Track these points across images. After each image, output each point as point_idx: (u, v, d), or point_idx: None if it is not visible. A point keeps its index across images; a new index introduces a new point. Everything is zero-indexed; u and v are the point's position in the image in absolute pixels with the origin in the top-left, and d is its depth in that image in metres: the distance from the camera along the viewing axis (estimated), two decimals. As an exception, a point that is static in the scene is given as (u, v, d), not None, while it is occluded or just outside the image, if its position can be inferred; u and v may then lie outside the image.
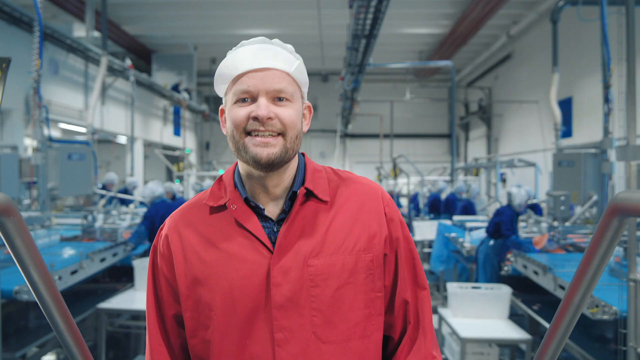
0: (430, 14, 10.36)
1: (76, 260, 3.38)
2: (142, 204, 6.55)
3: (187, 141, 14.30)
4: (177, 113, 13.50)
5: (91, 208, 5.50)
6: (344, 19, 9.62)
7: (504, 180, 11.80)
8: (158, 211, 4.72)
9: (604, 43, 4.34)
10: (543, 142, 9.70)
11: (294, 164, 1.00)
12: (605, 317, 2.56)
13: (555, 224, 4.44)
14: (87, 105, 8.28)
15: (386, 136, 15.06)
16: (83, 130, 7.51)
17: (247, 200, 0.97)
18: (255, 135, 0.92)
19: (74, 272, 3.28)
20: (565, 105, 8.70)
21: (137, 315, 4.08)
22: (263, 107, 0.91)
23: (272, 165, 0.92)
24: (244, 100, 0.93)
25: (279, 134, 0.93)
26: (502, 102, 12.66)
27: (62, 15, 9.27)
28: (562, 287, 3.15)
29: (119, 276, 4.67)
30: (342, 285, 0.93)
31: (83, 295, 4.09)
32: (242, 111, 0.92)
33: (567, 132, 8.73)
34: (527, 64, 11.04)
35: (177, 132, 13.63)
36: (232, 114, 0.94)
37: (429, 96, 15.59)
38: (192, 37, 12.31)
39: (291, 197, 0.97)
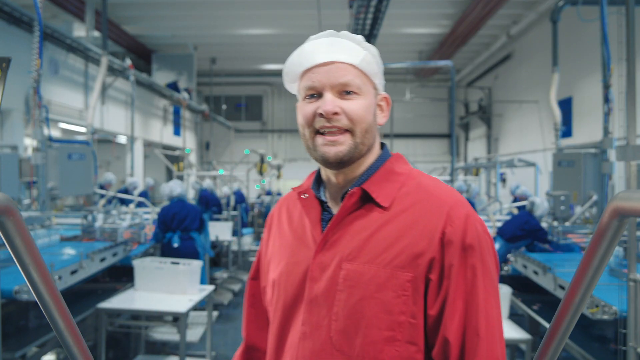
0: (430, 14, 10.36)
1: (76, 260, 3.38)
2: (141, 204, 6.55)
3: (187, 141, 14.29)
4: (177, 113, 13.50)
5: (91, 208, 5.50)
6: (344, 19, 9.62)
7: (504, 180, 11.80)
8: (170, 210, 4.94)
9: (604, 43, 4.34)
10: (543, 142, 9.70)
11: (370, 160, 0.96)
12: (605, 317, 2.56)
13: (555, 224, 4.44)
14: (87, 105, 8.28)
15: (386, 136, 15.05)
16: (83, 130, 7.50)
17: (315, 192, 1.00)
18: (323, 134, 0.91)
19: (74, 272, 3.28)
20: (565, 105, 8.70)
21: (137, 315, 4.08)
22: (328, 102, 0.89)
23: (341, 163, 0.91)
24: (311, 96, 0.92)
25: (346, 130, 0.90)
26: (502, 102, 12.66)
27: (62, 15, 9.27)
28: (562, 287, 3.14)
29: (119, 276, 4.67)
30: (365, 298, 0.86)
31: (83, 295, 4.09)
32: (310, 107, 0.92)
33: (567, 132, 8.73)
34: (527, 64, 11.04)
35: (177, 132, 13.63)
36: (300, 110, 0.95)
37: (429, 96, 15.59)
38: (192, 37, 12.31)
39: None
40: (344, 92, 0.90)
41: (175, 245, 4.86)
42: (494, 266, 0.89)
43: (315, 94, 0.92)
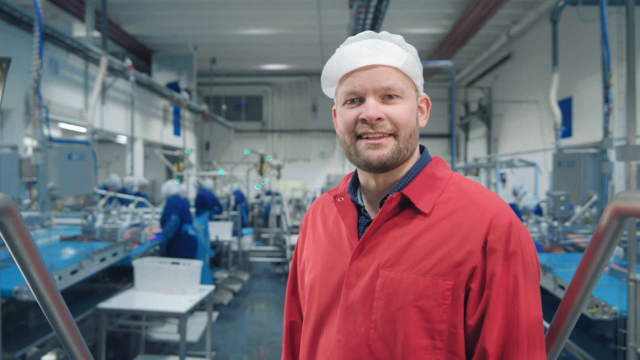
0: (430, 14, 10.36)
1: (76, 260, 3.38)
2: (141, 204, 6.54)
3: (187, 141, 14.29)
4: (177, 113, 13.50)
5: (91, 208, 5.50)
6: (344, 19, 9.62)
7: (504, 180, 11.80)
8: (177, 204, 5.34)
9: (604, 43, 4.34)
10: (543, 142, 9.70)
11: (410, 164, 0.94)
12: (605, 317, 2.56)
13: (555, 224, 4.44)
14: (87, 105, 8.28)
15: (386, 136, 15.04)
16: (83, 130, 7.50)
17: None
18: (366, 138, 0.89)
19: (74, 272, 3.28)
20: (565, 105, 8.70)
21: (137, 315, 4.08)
22: (372, 107, 0.87)
23: (384, 167, 0.89)
24: (352, 101, 0.90)
25: (390, 135, 0.88)
26: (502, 102, 12.66)
27: (62, 15, 9.27)
28: (562, 287, 3.14)
29: (119, 276, 4.68)
30: (405, 307, 0.83)
31: (83, 295, 4.09)
32: (351, 113, 0.89)
33: (567, 132, 8.73)
34: (527, 64, 11.04)
35: (177, 132, 13.63)
36: (342, 116, 0.92)
37: (429, 96, 15.46)
38: (192, 37, 12.31)
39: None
40: (387, 96, 0.88)
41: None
42: (536, 275, 0.85)
43: (357, 99, 0.89)
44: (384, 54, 0.89)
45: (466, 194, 0.88)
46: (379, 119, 0.87)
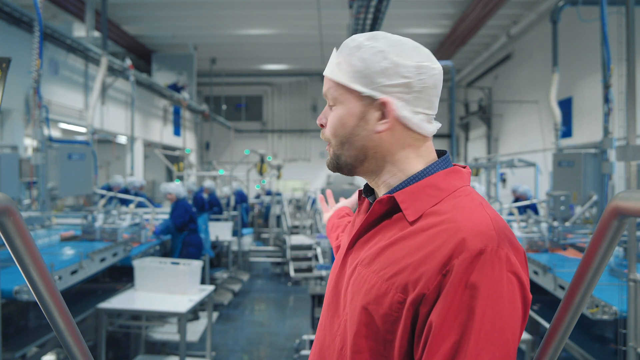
0: (430, 14, 10.36)
1: (76, 260, 3.38)
2: (141, 204, 6.54)
3: (187, 141, 14.30)
4: (177, 113, 13.50)
5: (91, 208, 5.50)
6: (344, 19, 9.63)
7: (504, 180, 11.80)
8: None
9: (604, 43, 4.34)
10: (543, 142, 9.70)
11: (390, 168, 0.91)
12: (605, 317, 2.56)
13: (555, 224, 4.44)
14: (87, 105, 8.28)
15: (386, 136, 15.02)
16: (83, 130, 7.51)
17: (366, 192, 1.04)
18: None
19: (74, 272, 3.28)
20: (565, 105, 8.70)
21: (137, 315, 4.08)
22: (321, 114, 0.96)
23: (335, 171, 0.97)
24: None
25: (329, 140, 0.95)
26: (502, 102, 12.66)
27: (62, 15, 9.27)
28: (562, 287, 3.14)
29: (119, 276, 4.68)
30: (360, 307, 0.83)
31: (83, 295, 4.09)
32: None
33: (567, 132, 8.73)
34: (527, 64, 11.04)
35: (177, 132, 13.63)
36: None
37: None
38: (192, 37, 12.32)
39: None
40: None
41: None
42: (510, 314, 0.72)
43: None
44: (328, 64, 0.94)
45: (454, 210, 0.81)
46: (322, 125, 0.95)
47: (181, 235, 5.52)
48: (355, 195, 1.23)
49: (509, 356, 0.70)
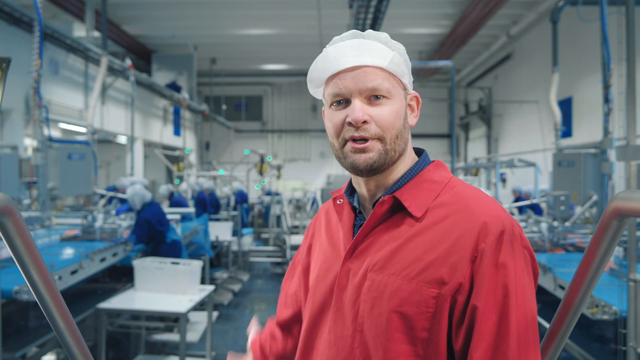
0: (430, 14, 10.36)
1: (76, 260, 3.38)
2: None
3: (187, 141, 14.29)
4: (177, 113, 13.50)
5: (91, 208, 5.50)
6: (344, 19, 9.63)
7: (504, 180, 11.80)
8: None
9: (604, 43, 4.34)
10: (543, 142, 9.70)
11: (402, 167, 0.92)
12: (605, 317, 2.56)
13: (555, 224, 4.44)
14: (87, 105, 8.28)
15: (386, 136, 15.00)
16: (83, 130, 7.51)
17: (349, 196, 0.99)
18: (353, 141, 0.87)
19: (74, 272, 3.28)
20: (565, 105, 8.70)
21: (137, 315, 4.08)
22: (357, 110, 0.85)
23: (372, 171, 0.88)
24: (339, 102, 0.89)
25: (376, 138, 0.87)
26: (502, 102, 12.66)
27: (62, 15, 9.27)
28: (562, 287, 3.14)
29: (119, 276, 4.67)
30: (388, 312, 0.82)
31: (83, 295, 4.09)
32: (338, 116, 0.88)
33: (567, 132, 8.73)
34: (527, 64, 11.04)
35: (177, 132, 13.63)
36: (330, 119, 0.91)
37: (429, 96, 15.59)
38: (192, 37, 12.31)
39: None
40: (373, 97, 0.87)
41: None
42: (530, 285, 0.80)
43: (343, 101, 0.88)
44: (369, 54, 0.87)
45: (461, 199, 0.85)
46: (365, 122, 0.86)
47: (149, 247, 4.78)
48: None
49: (535, 322, 0.79)
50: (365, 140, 0.86)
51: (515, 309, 0.77)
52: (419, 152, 0.99)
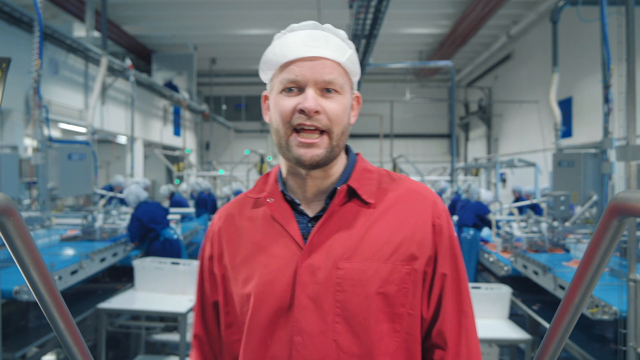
0: (430, 14, 10.37)
1: (76, 260, 3.38)
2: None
3: (187, 141, 14.29)
4: (177, 113, 13.50)
5: (91, 208, 5.49)
6: (344, 19, 9.61)
7: (504, 180, 11.80)
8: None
9: (604, 43, 4.34)
10: (543, 142, 9.70)
11: (341, 161, 0.95)
12: (605, 317, 2.56)
13: (555, 224, 4.44)
14: (87, 105, 8.28)
15: (386, 136, 15.07)
16: (83, 130, 7.51)
17: (284, 194, 0.94)
18: (301, 130, 0.87)
19: (74, 272, 3.28)
20: (565, 105, 8.70)
21: (137, 315, 4.08)
22: (311, 99, 0.85)
23: (316, 166, 0.89)
24: (290, 89, 0.88)
25: (323, 132, 0.87)
26: (502, 102, 12.67)
27: (62, 15, 9.28)
28: (562, 287, 3.15)
29: (119, 276, 4.67)
30: (371, 295, 0.85)
31: (83, 295, 4.09)
32: (289, 102, 0.87)
33: (567, 132, 8.73)
34: (527, 64, 11.04)
35: (177, 132, 13.63)
36: (278, 104, 0.90)
37: (429, 96, 15.59)
38: (192, 37, 12.32)
39: (331, 194, 0.91)
40: (325, 89, 0.87)
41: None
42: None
43: (295, 88, 0.88)
44: (329, 47, 0.88)
45: (400, 184, 0.95)
46: (317, 111, 0.85)
47: (144, 244, 4.77)
48: None
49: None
50: (314, 130, 0.86)
51: (463, 271, 0.93)
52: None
